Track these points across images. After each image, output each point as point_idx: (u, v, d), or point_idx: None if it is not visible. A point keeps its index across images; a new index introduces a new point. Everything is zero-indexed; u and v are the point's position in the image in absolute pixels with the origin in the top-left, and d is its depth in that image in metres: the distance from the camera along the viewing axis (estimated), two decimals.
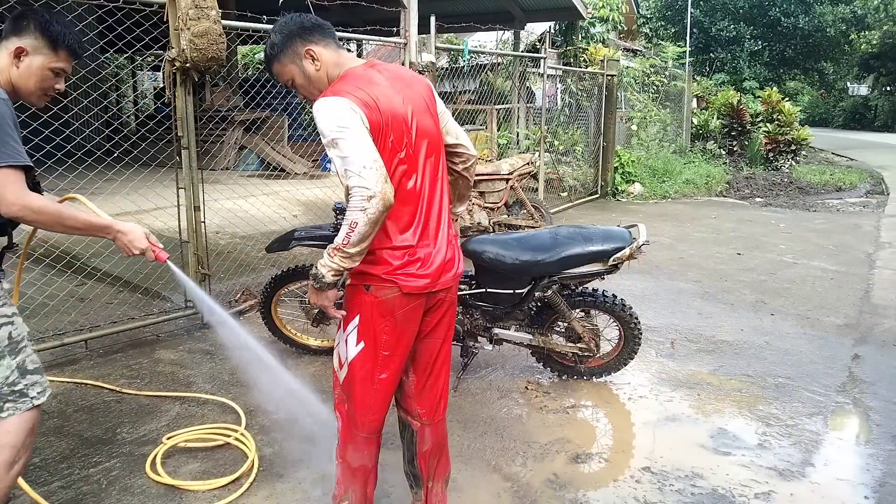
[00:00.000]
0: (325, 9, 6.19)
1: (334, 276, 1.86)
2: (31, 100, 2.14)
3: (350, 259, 1.83)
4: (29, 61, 2.06)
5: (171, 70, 3.91)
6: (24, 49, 2.05)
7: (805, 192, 11.70)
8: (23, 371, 2.11)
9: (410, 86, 2.04)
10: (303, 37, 2.00)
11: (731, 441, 3.10)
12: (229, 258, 5.31)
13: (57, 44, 2.07)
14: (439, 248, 2.04)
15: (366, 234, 1.80)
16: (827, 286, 5.64)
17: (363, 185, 1.76)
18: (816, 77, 31.13)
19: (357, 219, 1.77)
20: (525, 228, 6.18)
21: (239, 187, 6.02)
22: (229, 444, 2.97)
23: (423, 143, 2.00)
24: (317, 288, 1.90)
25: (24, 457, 2.09)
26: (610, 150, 10.32)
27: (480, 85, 12.54)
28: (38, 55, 2.06)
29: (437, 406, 2.23)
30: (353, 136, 1.79)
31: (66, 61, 2.12)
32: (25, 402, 2.09)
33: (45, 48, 2.06)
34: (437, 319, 2.13)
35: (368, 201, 1.76)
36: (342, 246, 1.81)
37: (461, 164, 2.27)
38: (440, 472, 2.30)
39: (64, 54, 2.10)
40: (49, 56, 2.08)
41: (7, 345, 2.08)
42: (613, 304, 3.52)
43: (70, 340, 3.87)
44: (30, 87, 2.09)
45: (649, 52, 16.04)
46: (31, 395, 2.10)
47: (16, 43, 2.04)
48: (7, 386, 2.06)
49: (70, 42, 2.09)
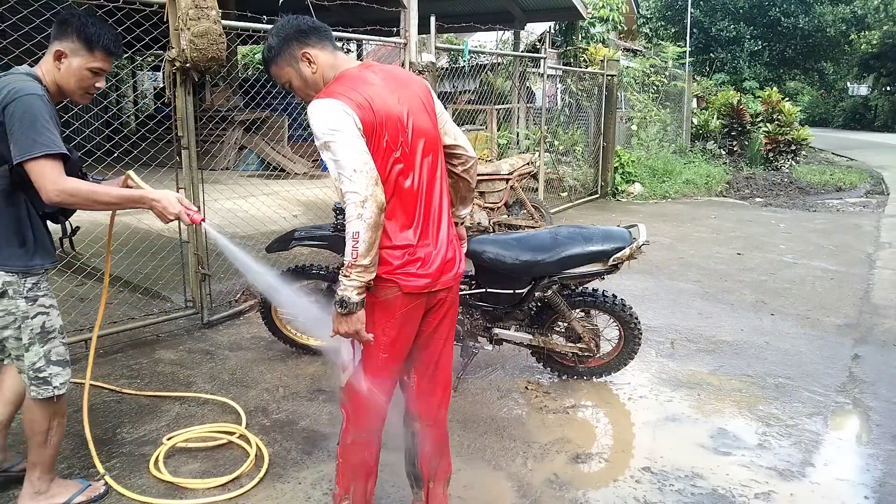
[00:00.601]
0: (324, 9, 6.19)
1: (359, 293, 1.84)
2: (74, 98, 2.33)
3: (367, 271, 1.82)
4: (68, 63, 2.24)
5: (171, 70, 3.91)
6: (63, 52, 2.23)
7: (805, 192, 11.70)
8: (48, 360, 2.31)
9: (406, 85, 2.05)
10: (299, 40, 2.02)
11: (731, 441, 3.10)
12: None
13: (92, 45, 2.23)
14: (440, 247, 2.04)
15: (371, 240, 1.80)
16: (827, 286, 5.64)
17: (354, 189, 1.78)
18: (816, 77, 31.11)
19: (358, 228, 1.78)
20: (525, 228, 6.18)
21: (239, 187, 6.01)
22: (229, 444, 2.97)
23: (420, 141, 2.00)
24: (345, 314, 1.84)
25: (56, 437, 2.39)
26: (610, 150, 10.32)
27: (480, 85, 12.54)
28: (77, 56, 2.24)
29: (438, 407, 2.23)
30: (344, 139, 1.81)
31: (102, 61, 2.27)
32: (48, 389, 2.31)
33: (82, 49, 2.23)
34: (439, 319, 2.12)
35: (363, 206, 1.77)
36: (354, 261, 1.80)
37: (460, 166, 2.26)
38: (441, 473, 2.30)
39: (100, 54, 2.26)
40: (86, 57, 2.24)
41: (39, 332, 2.28)
42: (613, 304, 3.52)
43: (70, 340, 3.83)
44: (71, 86, 2.27)
45: (649, 52, 16.03)
46: (54, 385, 2.33)
47: (57, 46, 2.24)
48: (34, 371, 2.29)
49: (105, 42, 2.25)
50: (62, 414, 2.42)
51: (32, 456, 2.40)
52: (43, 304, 2.29)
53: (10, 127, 2.09)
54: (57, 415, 2.39)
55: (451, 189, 2.25)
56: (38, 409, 2.35)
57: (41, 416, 2.35)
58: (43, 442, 2.38)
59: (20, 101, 2.10)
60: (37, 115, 2.09)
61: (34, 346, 2.28)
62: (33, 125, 2.08)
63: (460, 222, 2.39)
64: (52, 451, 2.42)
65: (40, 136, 2.08)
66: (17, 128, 2.08)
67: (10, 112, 2.09)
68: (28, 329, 2.27)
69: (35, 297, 2.27)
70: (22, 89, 2.13)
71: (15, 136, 2.09)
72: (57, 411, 2.38)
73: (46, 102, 2.16)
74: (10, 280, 2.22)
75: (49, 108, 2.16)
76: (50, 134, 2.10)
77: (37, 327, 2.27)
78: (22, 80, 2.18)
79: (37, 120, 2.08)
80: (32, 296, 2.26)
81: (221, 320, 4.55)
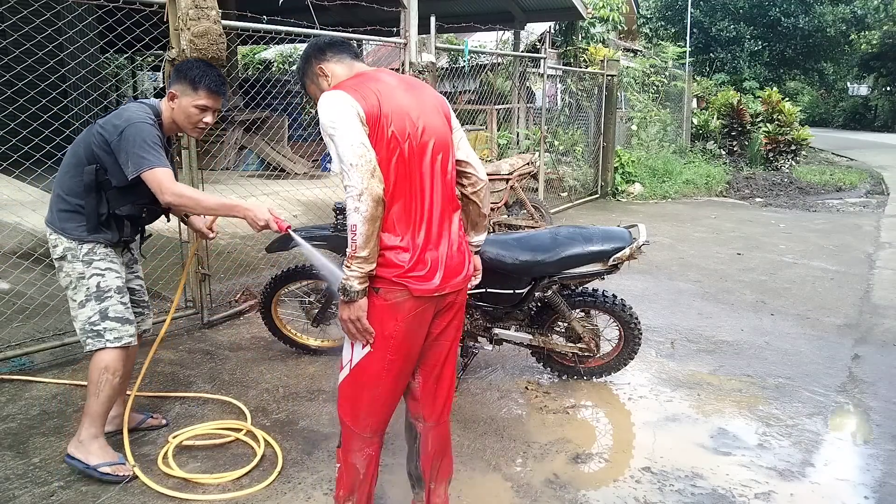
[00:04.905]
0: (325, 9, 6.19)
1: (361, 282, 1.89)
2: (187, 133, 2.75)
3: (366, 261, 1.87)
4: (179, 102, 2.62)
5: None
6: (175, 93, 2.62)
7: (805, 192, 11.70)
8: (104, 316, 2.62)
9: (422, 90, 2.10)
10: (317, 57, 2.12)
11: (731, 441, 3.10)
12: (229, 258, 5.31)
13: (196, 85, 2.59)
14: (449, 250, 2.04)
15: (368, 232, 1.83)
16: (827, 286, 5.64)
17: (351, 182, 1.82)
18: (816, 77, 31.08)
19: (355, 221, 1.83)
20: (525, 228, 6.18)
21: (239, 187, 6.01)
22: (229, 442, 2.98)
23: (431, 139, 2.00)
24: (347, 301, 1.92)
25: (104, 393, 2.63)
26: (610, 150, 10.32)
27: (480, 85, 12.55)
28: (185, 96, 2.61)
29: (441, 408, 2.23)
30: (345, 132, 1.84)
31: (206, 98, 2.62)
32: (100, 341, 2.61)
33: (189, 89, 2.60)
34: (447, 322, 2.13)
35: (359, 199, 1.81)
36: (353, 253, 1.86)
37: (470, 187, 2.22)
38: (443, 474, 2.30)
39: (203, 93, 2.61)
40: (192, 96, 2.61)
41: (95, 292, 2.62)
42: (613, 304, 3.52)
43: (70, 340, 3.87)
44: (182, 122, 2.65)
45: (649, 52, 16.03)
46: (107, 339, 2.62)
47: (171, 89, 2.63)
48: (90, 324, 2.62)
49: (207, 82, 2.60)
50: (112, 371, 2.62)
51: (86, 403, 2.67)
52: (98, 266, 2.63)
53: (125, 147, 2.47)
54: (107, 371, 2.62)
55: (463, 214, 2.23)
56: (92, 361, 2.64)
57: (93, 366, 2.63)
58: (93, 393, 2.63)
59: (132, 126, 2.49)
60: (145, 137, 2.48)
61: (90, 303, 2.61)
62: (142, 146, 2.46)
63: (475, 251, 2.35)
64: (99, 407, 2.64)
65: (148, 154, 2.46)
66: (130, 148, 2.46)
67: (125, 136, 2.48)
68: (84, 288, 2.61)
69: (90, 261, 2.62)
70: (134, 117, 2.52)
71: (128, 154, 2.46)
72: (108, 366, 2.62)
73: (155, 127, 2.56)
74: (70, 246, 2.61)
75: (158, 133, 2.55)
76: (155, 153, 2.48)
77: (92, 287, 2.61)
78: (139, 109, 2.58)
79: (145, 141, 2.47)
80: (88, 259, 2.61)
81: (221, 320, 4.55)
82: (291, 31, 4.71)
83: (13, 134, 4.02)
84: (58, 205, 2.65)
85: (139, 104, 2.64)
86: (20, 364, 3.68)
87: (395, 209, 1.93)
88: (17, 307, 4.04)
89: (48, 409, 3.24)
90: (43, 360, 3.78)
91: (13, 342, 3.78)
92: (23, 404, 3.28)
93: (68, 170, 2.65)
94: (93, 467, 2.63)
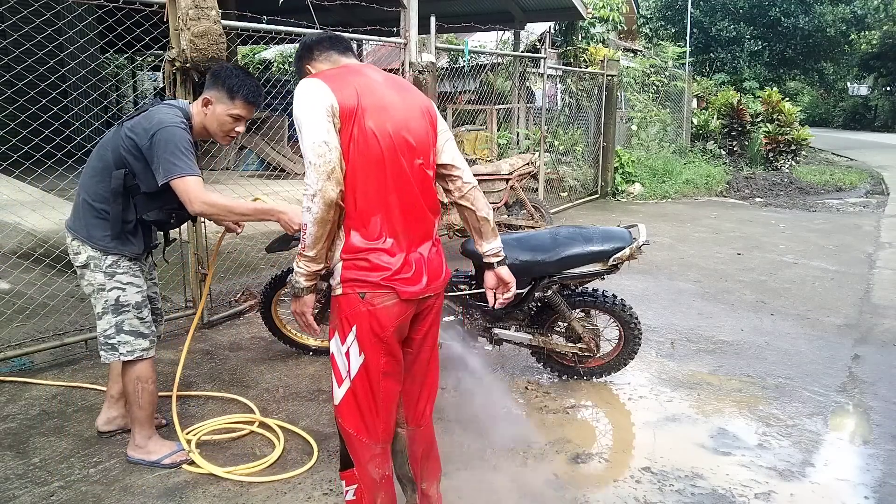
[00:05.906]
0: (325, 9, 6.19)
1: (307, 280, 1.93)
2: (217, 139, 2.67)
3: (313, 261, 1.90)
4: (213, 109, 2.58)
5: (171, 70, 3.90)
6: (210, 99, 2.57)
7: (805, 192, 11.70)
8: (119, 329, 2.63)
9: (409, 91, 2.06)
10: (305, 56, 2.11)
11: (731, 441, 3.10)
12: (229, 258, 5.31)
13: (233, 94, 2.55)
14: (429, 252, 2.03)
15: (317, 234, 1.85)
16: (827, 286, 5.64)
17: (308, 181, 1.82)
18: (816, 77, 31.07)
19: (306, 221, 1.85)
20: (525, 228, 6.19)
21: (239, 187, 6.01)
22: (242, 437, 3.02)
23: (412, 139, 1.96)
24: (294, 295, 1.98)
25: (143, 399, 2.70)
26: (610, 151, 10.32)
27: (480, 85, 12.55)
28: (220, 104, 2.57)
29: (423, 411, 2.21)
30: (309, 128, 1.83)
31: (241, 109, 2.58)
32: (114, 354, 2.65)
33: (225, 97, 2.56)
34: (428, 326, 2.11)
35: (311, 200, 1.81)
36: (302, 251, 1.89)
37: (456, 192, 2.15)
38: (432, 473, 2.29)
39: (240, 103, 2.57)
40: (227, 104, 2.57)
41: (113, 305, 2.62)
42: (613, 304, 3.52)
43: (70, 340, 3.87)
44: (213, 129, 2.61)
45: (649, 52, 16.03)
46: (120, 352, 2.65)
47: (206, 94, 2.59)
48: (104, 337, 2.64)
49: (245, 93, 2.56)
50: (144, 380, 2.69)
51: (131, 413, 2.77)
52: (120, 280, 2.61)
53: (156, 152, 2.42)
54: (140, 380, 2.68)
55: (465, 223, 2.24)
56: (124, 375, 2.70)
57: (126, 379, 2.70)
58: (134, 402, 2.71)
59: (164, 130, 2.43)
60: (178, 143, 2.43)
61: (107, 316, 2.61)
62: (174, 152, 2.42)
63: (495, 263, 2.30)
64: (141, 412, 2.72)
65: (179, 161, 2.42)
66: (161, 153, 2.42)
67: (156, 140, 2.43)
68: (103, 300, 2.60)
69: (113, 273, 2.60)
70: (166, 120, 2.46)
71: (159, 159, 2.42)
72: (140, 377, 2.68)
73: (187, 131, 2.51)
74: (94, 255, 2.58)
75: (190, 138, 2.51)
76: (187, 159, 2.44)
77: (111, 300, 2.60)
78: (170, 111, 2.51)
79: (177, 147, 2.42)
80: (111, 272, 2.59)
81: (221, 320, 4.55)
82: (291, 31, 4.71)
83: (13, 134, 4.03)
84: (85, 211, 2.59)
85: (169, 106, 2.56)
86: (20, 364, 3.68)
87: (372, 207, 1.88)
88: (17, 307, 4.04)
89: (48, 409, 3.24)
90: (43, 361, 3.78)
91: (13, 342, 3.78)
92: (23, 404, 3.29)
93: (95, 174, 2.57)
94: (156, 462, 2.74)
